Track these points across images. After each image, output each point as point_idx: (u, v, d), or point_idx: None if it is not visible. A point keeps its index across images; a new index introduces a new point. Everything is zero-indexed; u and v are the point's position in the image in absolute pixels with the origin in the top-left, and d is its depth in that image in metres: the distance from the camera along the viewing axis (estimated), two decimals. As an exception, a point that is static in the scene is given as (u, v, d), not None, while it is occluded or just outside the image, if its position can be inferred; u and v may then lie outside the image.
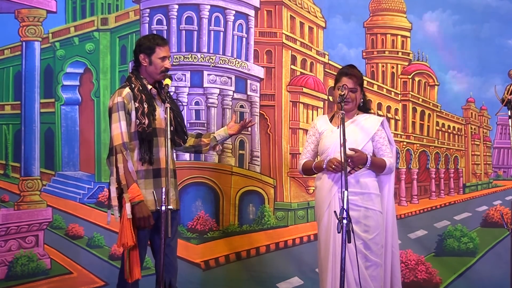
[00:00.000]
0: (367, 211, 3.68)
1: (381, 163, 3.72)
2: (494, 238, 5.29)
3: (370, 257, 3.66)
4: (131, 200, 3.50)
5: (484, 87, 5.48)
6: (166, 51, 3.73)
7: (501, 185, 5.65)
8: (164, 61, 3.71)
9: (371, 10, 5.71)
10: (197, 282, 5.26)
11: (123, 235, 3.48)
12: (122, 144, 3.54)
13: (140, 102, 3.61)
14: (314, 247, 4.16)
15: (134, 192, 3.52)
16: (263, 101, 5.61)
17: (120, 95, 3.61)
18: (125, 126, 3.56)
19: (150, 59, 3.70)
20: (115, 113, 3.58)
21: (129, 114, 3.60)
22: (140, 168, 3.64)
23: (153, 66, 3.70)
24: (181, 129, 3.83)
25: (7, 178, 5.51)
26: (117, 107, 3.58)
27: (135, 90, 3.63)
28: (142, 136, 3.60)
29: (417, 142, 5.73)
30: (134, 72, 3.75)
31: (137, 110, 3.60)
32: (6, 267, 5.27)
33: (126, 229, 3.47)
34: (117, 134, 3.55)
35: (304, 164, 3.88)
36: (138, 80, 3.69)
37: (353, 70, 3.82)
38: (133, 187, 3.52)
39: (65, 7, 5.68)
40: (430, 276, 5.24)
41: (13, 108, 5.59)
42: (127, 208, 3.49)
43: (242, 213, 5.50)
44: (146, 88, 3.68)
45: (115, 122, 3.57)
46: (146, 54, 3.69)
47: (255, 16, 5.62)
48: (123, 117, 3.57)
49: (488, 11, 5.40)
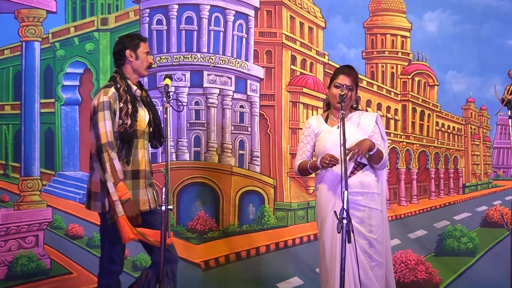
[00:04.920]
0: (371, 211, 3.68)
1: (380, 152, 3.71)
2: (494, 238, 5.30)
3: (375, 257, 3.65)
4: (120, 198, 3.50)
5: (484, 87, 5.48)
6: (147, 47, 3.81)
7: (501, 185, 5.65)
8: (148, 55, 3.77)
9: (371, 10, 5.71)
10: (197, 282, 5.26)
11: (123, 232, 3.49)
12: (107, 143, 3.53)
13: (124, 102, 3.62)
14: (314, 247, 4.16)
15: (122, 190, 3.52)
16: (263, 101, 5.61)
17: (106, 95, 3.60)
18: (110, 125, 3.56)
19: (136, 54, 3.72)
20: (100, 112, 3.57)
21: (114, 114, 3.60)
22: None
23: (140, 61, 3.73)
24: (158, 131, 3.84)
25: (7, 178, 5.51)
26: (102, 106, 3.57)
27: (120, 90, 3.64)
28: (123, 137, 3.61)
29: (416, 142, 5.73)
30: (119, 71, 3.75)
31: (121, 110, 3.60)
32: (6, 267, 5.26)
33: (123, 225, 3.49)
34: (103, 133, 3.54)
35: (300, 165, 3.87)
36: (123, 80, 3.70)
37: (350, 69, 3.82)
38: (120, 185, 3.52)
39: (65, 7, 5.68)
40: (430, 276, 5.24)
41: (13, 108, 5.59)
42: (117, 207, 3.49)
43: (242, 213, 5.50)
44: (131, 89, 3.70)
45: (101, 121, 3.55)
46: (132, 49, 3.72)
47: (255, 16, 5.62)
48: (108, 116, 3.56)
49: (488, 11, 5.41)
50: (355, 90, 3.78)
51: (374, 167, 3.76)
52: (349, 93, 3.69)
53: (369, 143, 3.60)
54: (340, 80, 3.72)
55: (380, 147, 3.72)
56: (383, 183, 3.88)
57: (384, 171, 3.89)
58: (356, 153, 3.53)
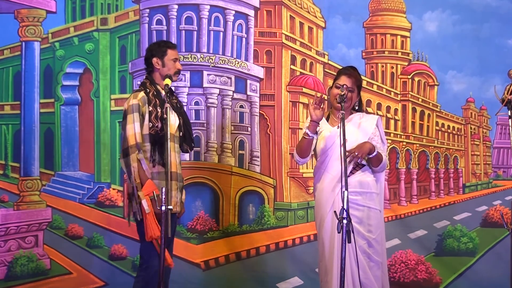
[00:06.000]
0: (370, 210, 3.68)
1: (380, 155, 3.71)
2: (494, 238, 5.30)
3: (374, 257, 3.65)
4: (148, 194, 3.59)
5: (484, 87, 5.49)
6: (176, 54, 3.90)
7: (501, 185, 5.65)
8: (176, 62, 3.87)
9: (371, 10, 5.71)
10: (197, 282, 5.26)
11: (149, 228, 3.55)
12: (135, 145, 3.65)
13: (154, 106, 3.73)
14: (314, 247, 4.15)
15: (150, 187, 3.61)
16: (263, 101, 5.61)
17: (136, 98, 3.73)
18: (138, 127, 3.68)
19: (163, 62, 3.83)
20: (130, 114, 3.70)
21: (142, 116, 3.72)
22: (151, 170, 3.73)
23: (166, 68, 3.82)
24: (189, 136, 3.94)
25: (6, 178, 5.51)
26: (132, 109, 3.70)
27: (149, 94, 3.77)
28: (155, 139, 3.72)
29: (416, 142, 5.73)
30: (148, 77, 3.88)
31: (150, 114, 3.72)
32: (5, 267, 5.26)
33: (151, 222, 3.56)
34: (131, 134, 3.66)
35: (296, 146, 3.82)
36: (153, 85, 3.82)
37: (352, 70, 3.82)
38: (148, 183, 3.62)
39: (65, 7, 5.68)
40: (430, 276, 5.24)
41: (13, 108, 5.59)
42: (144, 204, 3.58)
43: (242, 213, 5.50)
44: (160, 94, 3.80)
45: (130, 123, 3.69)
46: (159, 57, 3.83)
47: (254, 16, 5.62)
48: (137, 118, 3.69)
49: (488, 11, 5.41)
50: (356, 92, 3.77)
51: (373, 170, 3.76)
52: (349, 94, 3.69)
53: (369, 146, 3.61)
54: (341, 81, 3.72)
55: (380, 150, 3.72)
56: (382, 183, 3.88)
57: (383, 174, 3.90)
58: (356, 155, 3.54)
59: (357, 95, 3.80)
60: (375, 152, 3.63)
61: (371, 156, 3.63)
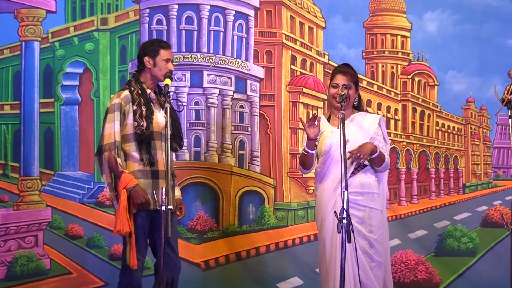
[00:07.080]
0: (371, 211, 3.67)
1: (382, 155, 3.70)
2: (494, 238, 5.29)
3: (375, 257, 3.65)
4: (126, 186, 3.58)
5: (484, 87, 5.48)
6: (169, 54, 3.83)
7: (501, 185, 5.65)
8: (168, 63, 3.81)
9: (371, 10, 5.71)
10: (197, 282, 5.26)
11: (118, 222, 3.56)
12: (112, 143, 3.63)
13: (138, 105, 3.71)
14: (314, 247, 4.15)
15: (127, 178, 3.60)
16: (263, 101, 5.61)
17: (119, 97, 3.71)
18: (118, 126, 3.66)
19: (154, 61, 3.78)
20: (110, 113, 3.68)
21: (124, 115, 3.69)
22: (140, 168, 3.71)
23: (157, 68, 3.77)
24: (178, 134, 3.91)
25: (6, 178, 5.50)
26: (113, 108, 3.68)
27: (134, 93, 3.73)
28: (141, 138, 3.70)
29: (417, 142, 5.73)
30: (135, 75, 3.84)
31: (134, 113, 3.69)
32: (5, 267, 5.26)
33: (122, 216, 3.55)
34: (109, 133, 3.65)
35: (299, 160, 3.85)
36: (138, 84, 3.78)
37: (347, 68, 3.80)
38: (124, 175, 3.61)
39: (65, 7, 5.68)
40: (430, 276, 5.24)
41: (13, 108, 5.59)
42: (115, 202, 3.62)
43: (242, 213, 5.50)
44: (145, 92, 3.77)
45: (109, 122, 3.67)
46: (151, 56, 3.78)
47: (255, 16, 5.61)
48: (117, 117, 3.67)
49: (488, 11, 5.41)
50: (354, 88, 3.75)
51: (375, 169, 3.75)
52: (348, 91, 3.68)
53: (371, 146, 3.60)
54: (337, 80, 3.71)
55: (382, 149, 3.70)
56: (383, 183, 3.87)
57: (385, 174, 3.89)
58: (358, 157, 3.54)
59: (355, 91, 3.78)
60: (377, 153, 3.62)
61: (373, 157, 3.63)
